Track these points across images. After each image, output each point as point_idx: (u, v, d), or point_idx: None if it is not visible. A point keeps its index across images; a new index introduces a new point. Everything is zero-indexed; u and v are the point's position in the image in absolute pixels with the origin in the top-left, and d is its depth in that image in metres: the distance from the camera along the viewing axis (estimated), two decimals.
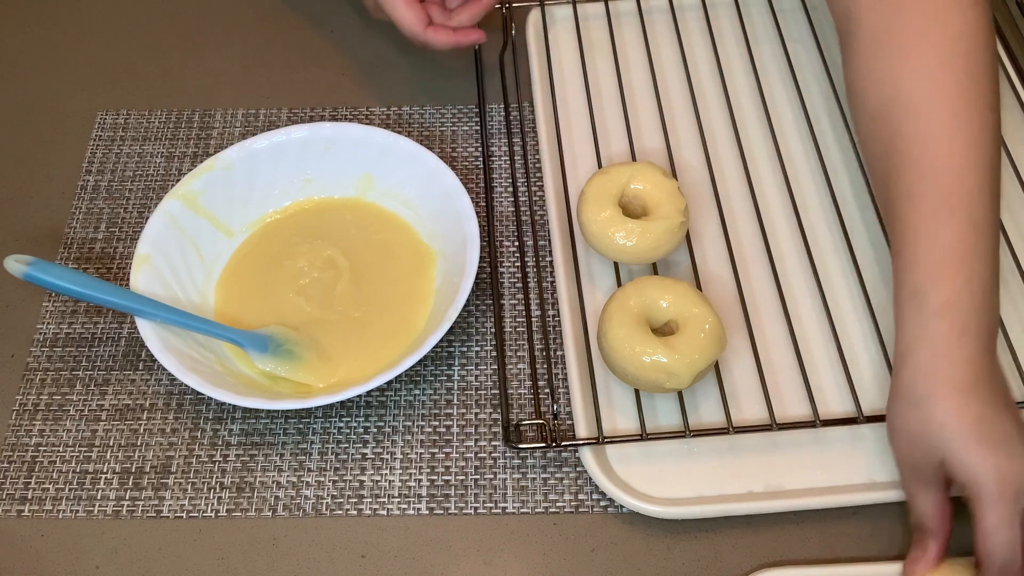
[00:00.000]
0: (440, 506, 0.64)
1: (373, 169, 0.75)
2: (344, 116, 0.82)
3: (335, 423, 0.67)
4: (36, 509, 0.64)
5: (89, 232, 0.76)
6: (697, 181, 0.76)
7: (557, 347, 0.70)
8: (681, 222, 0.68)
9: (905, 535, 0.62)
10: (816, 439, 0.65)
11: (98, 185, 0.79)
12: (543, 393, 0.68)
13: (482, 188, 0.77)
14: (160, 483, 0.65)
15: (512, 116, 0.81)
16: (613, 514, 0.63)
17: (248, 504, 0.64)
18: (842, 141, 0.78)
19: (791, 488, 0.63)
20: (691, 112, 0.80)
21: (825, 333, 0.68)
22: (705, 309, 0.63)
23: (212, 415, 0.68)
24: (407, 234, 0.74)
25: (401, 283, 0.71)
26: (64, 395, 0.69)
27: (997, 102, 0.62)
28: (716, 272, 0.72)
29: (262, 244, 0.74)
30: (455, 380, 0.69)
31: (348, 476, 0.65)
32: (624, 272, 0.71)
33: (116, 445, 0.67)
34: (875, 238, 0.73)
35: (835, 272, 0.72)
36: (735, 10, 0.85)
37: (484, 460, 0.66)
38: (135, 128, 0.82)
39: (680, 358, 0.61)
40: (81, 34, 0.88)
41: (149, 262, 0.68)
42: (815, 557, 0.61)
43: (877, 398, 0.66)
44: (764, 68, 0.82)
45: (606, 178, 0.70)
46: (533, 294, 0.72)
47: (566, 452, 0.65)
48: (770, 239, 0.72)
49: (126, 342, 0.71)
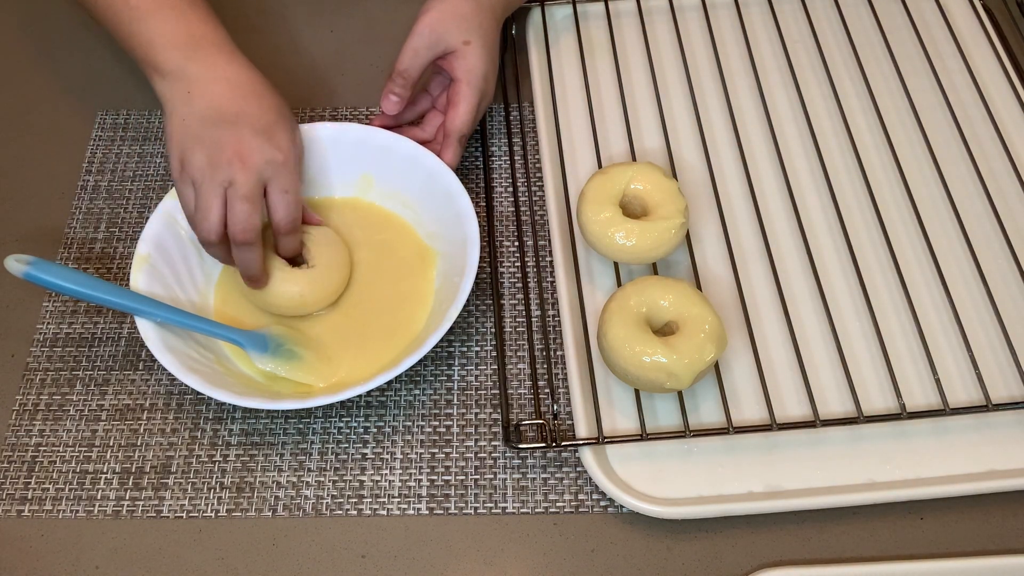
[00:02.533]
0: (440, 506, 0.64)
1: (373, 169, 0.75)
2: (344, 116, 0.82)
3: (335, 423, 0.67)
4: (36, 509, 0.64)
5: (89, 232, 0.76)
6: (697, 181, 0.76)
7: (557, 347, 0.70)
8: (681, 222, 0.68)
9: (905, 535, 0.62)
10: (816, 439, 0.65)
11: (98, 185, 0.79)
12: (543, 393, 0.68)
13: (482, 188, 0.77)
14: (160, 483, 0.65)
15: (512, 116, 0.81)
16: (613, 514, 0.63)
17: (248, 504, 0.64)
18: (842, 141, 0.78)
19: (791, 488, 0.63)
20: (691, 112, 0.80)
21: (825, 333, 0.68)
22: (705, 309, 0.63)
23: (212, 415, 0.68)
24: (407, 234, 0.74)
25: (401, 283, 0.71)
26: (64, 395, 0.69)
27: None
28: (716, 272, 0.72)
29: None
30: (455, 380, 0.69)
31: (348, 476, 0.65)
32: (624, 272, 0.71)
33: (116, 445, 0.67)
34: (875, 238, 0.73)
35: (835, 272, 0.72)
36: (735, 10, 0.85)
37: (484, 460, 0.66)
38: (135, 128, 0.82)
39: (680, 358, 0.61)
40: (81, 34, 0.88)
41: (149, 262, 0.68)
42: (815, 557, 0.61)
43: (878, 398, 0.66)
44: (764, 68, 0.82)
45: (606, 178, 0.70)
46: (533, 294, 0.72)
47: (566, 452, 0.65)
48: (770, 239, 0.72)
49: (126, 342, 0.71)
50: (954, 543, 0.61)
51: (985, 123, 0.78)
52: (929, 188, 0.75)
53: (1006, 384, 0.66)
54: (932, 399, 0.66)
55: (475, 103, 0.73)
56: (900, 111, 0.79)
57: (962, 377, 0.67)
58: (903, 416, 0.63)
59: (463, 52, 0.72)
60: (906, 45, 0.83)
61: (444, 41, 0.72)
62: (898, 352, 0.68)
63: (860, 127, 0.79)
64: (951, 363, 0.67)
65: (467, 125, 0.73)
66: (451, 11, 0.72)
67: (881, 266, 0.71)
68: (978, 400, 0.65)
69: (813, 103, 0.80)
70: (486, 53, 0.73)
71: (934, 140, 0.77)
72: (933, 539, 0.62)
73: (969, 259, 0.71)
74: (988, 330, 0.68)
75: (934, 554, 0.61)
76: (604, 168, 0.71)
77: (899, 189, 0.75)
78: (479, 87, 0.73)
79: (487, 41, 0.73)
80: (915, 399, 0.66)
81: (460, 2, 0.73)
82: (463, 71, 0.73)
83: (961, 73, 0.81)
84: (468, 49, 0.72)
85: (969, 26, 0.85)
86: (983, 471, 0.63)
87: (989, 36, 0.83)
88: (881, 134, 0.77)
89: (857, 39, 0.83)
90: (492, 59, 0.74)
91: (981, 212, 0.73)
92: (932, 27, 0.85)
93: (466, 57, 0.72)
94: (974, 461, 0.64)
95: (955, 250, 0.72)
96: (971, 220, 0.73)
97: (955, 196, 0.74)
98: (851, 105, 0.80)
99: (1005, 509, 0.63)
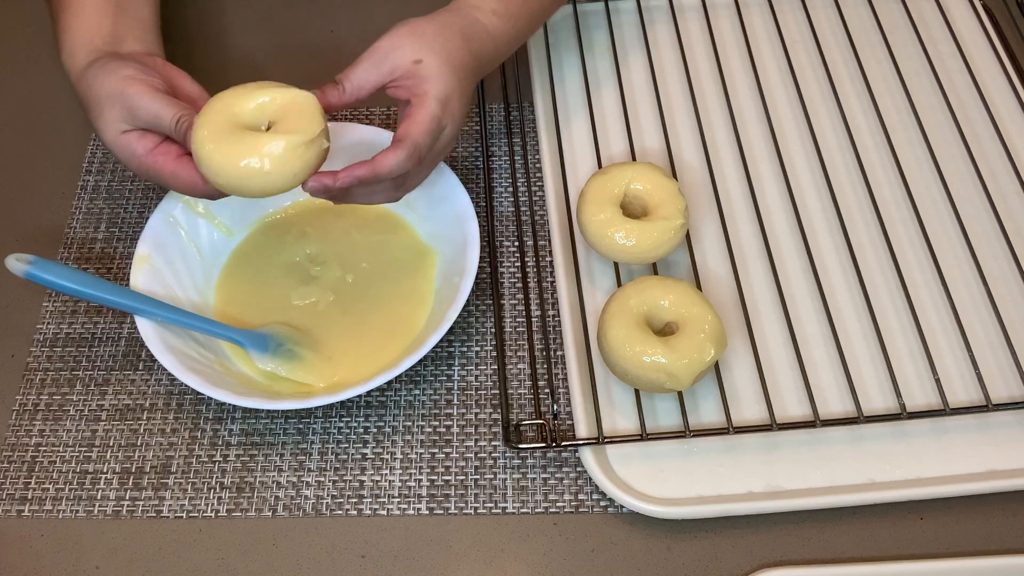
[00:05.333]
0: (440, 506, 0.64)
1: None
2: (344, 116, 0.82)
3: (335, 423, 0.67)
4: (36, 509, 0.64)
5: (89, 232, 0.76)
6: (697, 181, 0.76)
7: (557, 347, 0.70)
8: (681, 223, 0.68)
9: (905, 535, 0.62)
10: (816, 439, 0.65)
11: (98, 185, 0.79)
12: (543, 393, 0.68)
13: (482, 188, 0.77)
14: (160, 483, 0.65)
15: (512, 116, 0.81)
16: (613, 514, 0.63)
17: (248, 504, 0.64)
18: (842, 141, 0.78)
19: (791, 488, 0.63)
20: (691, 112, 0.80)
21: (825, 333, 0.68)
22: (705, 309, 0.63)
23: (212, 415, 0.68)
24: (407, 234, 0.74)
25: (401, 283, 0.71)
26: (64, 395, 0.69)
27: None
28: (716, 272, 0.72)
29: (262, 244, 0.74)
30: (455, 380, 0.69)
31: (348, 476, 0.65)
32: (624, 272, 0.71)
33: (116, 445, 0.67)
34: (875, 238, 0.73)
35: (835, 272, 0.72)
36: (735, 10, 0.85)
37: (484, 460, 0.66)
38: None
39: (680, 358, 0.61)
40: None
41: (149, 262, 0.68)
42: (815, 557, 0.61)
43: (878, 398, 0.66)
44: (764, 68, 0.82)
45: (606, 178, 0.70)
46: (533, 294, 0.72)
47: (566, 452, 0.65)
48: (770, 239, 0.72)
49: (126, 342, 0.71)
50: (954, 543, 0.61)
51: (985, 123, 0.78)
52: (929, 188, 0.75)
53: (1006, 384, 0.66)
54: (932, 399, 0.66)
55: (433, 113, 0.63)
56: (900, 111, 0.79)
57: (962, 377, 0.67)
58: (903, 416, 0.63)
59: (412, 71, 0.64)
60: (906, 45, 0.83)
61: (391, 59, 0.64)
62: (898, 352, 0.68)
63: (860, 127, 0.79)
64: (951, 363, 0.67)
65: (422, 134, 0.62)
66: (407, 30, 0.65)
67: (881, 266, 0.71)
68: (978, 400, 0.65)
69: (813, 103, 0.80)
70: (446, 71, 0.64)
71: (934, 140, 0.77)
72: (933, 539, 0.62)
73: (969, 259, 0.71)
74: (988, 330, 0.68)
75: (934, 554, 0.61)
76: (604, 168, 0.71)
77: (899, 189, 0.75)
78: (438, 99, 0.63)
79: (449, 61, 0.65)
80: (915, 399, 0.66)
81: (422, 22, 0.66)
82: (416, 88, 0.64)
83: (961, 73, 0.81)
84: (418, 67, 0.64)
85: (969, 26, 0.85)
86: (983, 471, 0.63)
87: (989, 36, 0.83)
88: (881, 134, 0.77)
89: (857, 39, 0.83)
90: (457, 82, 0.65)
91: (981, 212, 0.73)
92: (932, 27, 0.85)
93: (416, 75, 0.64)
94: (974, 461, 0.64)
95: (955, 250, 0.72)
96: (971, 220, 0.73)
97: (955, 196, 0.74)
98: (851, 105, 0.80)
99: (1005, 509, 0.63)
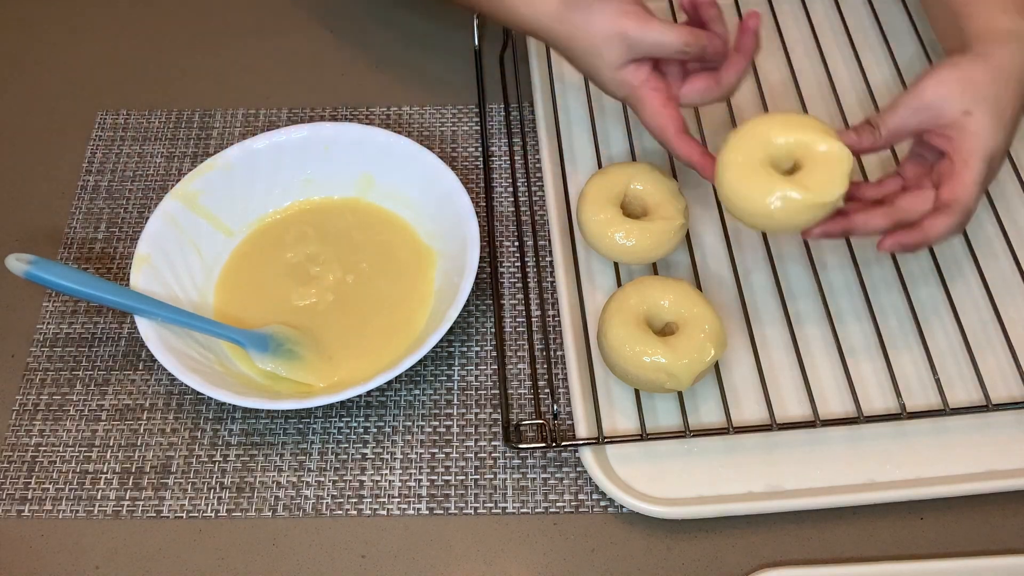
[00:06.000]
0: (440, 506, 0.64)
1: (373, 169, 0.75)
2: (344, 116, 0.82)
3: (335, 423, 0.67)
4: (36, 509, 0.64)
5: (89, 232, 0.76)
6: (697, 181, 0.76)
7: (557, 347, 0.70)
8: (681, 223, 0.68)
9: (905, 535, 0.62)
10: (816, 439, 0.65)
11: (98, 185, 0.79)
12: (543, 393, 0.68)
13: (482, 188, 0.77)
14: (160, 483, 0.65)
15: (512, 116, 0.81)
16: (613, 514, 0.63)
17: (248, 504, 0.64)
18: None
19: (791, 488, 0.63)
20: (691, 111, 0.79)
21: (825, 333, 0.68)
22: (705, 309, 0.63)
23: (212, 415, 0.68)
24: (407, 234, 0.74)
25: (401, 283, 0.71)
26: (64, 395, 0.69)
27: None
28: (716, 272, 0.72)
29: (262, 244, 0.74)
30: (455, 380, 0.69)
31: (348, 476, 0.65)
32: (624, 272, 0.71)
33: (116, 445, 0.67)
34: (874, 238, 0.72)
35: (835, 272, 0.71)
36: (735, 10, 0.85)
37: (484, 460, 0.66)
38: (135, 128, 0.82)
39: (680, 358, 0.61)
40: (81, 34, 0.88)
41: (149, 262, 0.68)
42: (815, 557, 0.61)
43: (878, 398, 0.66)
44: (764, 67, 0.82)
45: (606, 178, 0.70)
46: (533, 294, 0.72)
47: (566, 452, 0.65)
48: (770, 239, 0.72)
49: (126, 342, 0.71)
50: (954, 543, 0.61)
51: None
52: None
53: (1006, 384, 0.66)
54: (932, 399, 0.66)
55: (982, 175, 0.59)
56: None
57: (962, 377, 0.67)
58: (903, 416, 0.63)
59: (959, 123, 0.59)
60: (907, 45, 0.83)
61: (935, 108, 0.60)
62: (898, 352, 0.68)
63: None
64: (951, 363, 0.67)
65: (971, 197, 0.59)
66: (957, 76, 0.60)
67: (881, 265, 0.71)
68: (978, 400, 0.65)
69: (813, 102, 0.80)
70: (996, 128, 0.59)
71: None
72: (933, 539, 0.62)
73: (969, 259, 0.70)
74: (988, 330, 0.68)
75: (934, 554, 0.61)
76: (604, 168, 0.71)
77: None
78: (985, 160, 0.59)
79: (1000, 116, 0.59)
80: (915, 399, 0.66)
81: (972, 67, 0.60)
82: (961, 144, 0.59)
83: None
84: (966, 121, 0.59)
85: None
86: (983, 471, 0.63)
87: None
88: None
89: (857, 39, 0.83)
90: (1005, 136, 0.60)
91: (981, 212, 0.73)
92: None
93: (963, 129, 0.59)
94: (974, 461, 0.64)
95: (955, 250, 0.72)
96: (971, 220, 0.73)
97: None
98: (851, 104, 0.80)
99: (1005, 509, 0.63)
